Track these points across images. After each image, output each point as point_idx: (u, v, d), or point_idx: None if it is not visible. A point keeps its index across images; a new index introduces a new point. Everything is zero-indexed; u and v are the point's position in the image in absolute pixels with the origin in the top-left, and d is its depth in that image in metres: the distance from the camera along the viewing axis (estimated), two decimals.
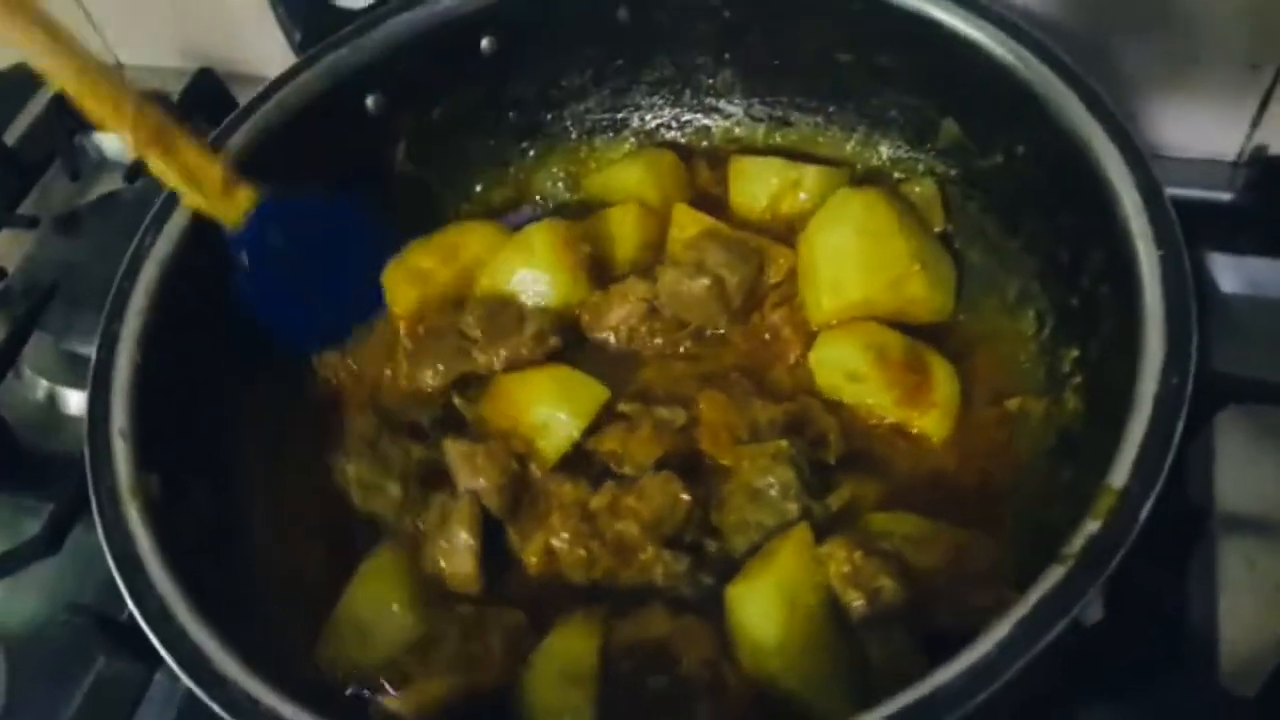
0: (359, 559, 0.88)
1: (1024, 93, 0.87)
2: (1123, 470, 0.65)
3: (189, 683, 0.65)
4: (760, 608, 0.77)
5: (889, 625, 0.76)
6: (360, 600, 0.84)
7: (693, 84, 1.12)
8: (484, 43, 1.04)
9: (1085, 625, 0.74)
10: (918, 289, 0.94)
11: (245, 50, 1.36)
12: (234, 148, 0.92)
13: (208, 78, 1.27)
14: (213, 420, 0.89)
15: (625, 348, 0.99)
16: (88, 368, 0.81)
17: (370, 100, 1.01)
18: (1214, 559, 0.87)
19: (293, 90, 0.96)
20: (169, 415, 0.78)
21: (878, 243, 0.94)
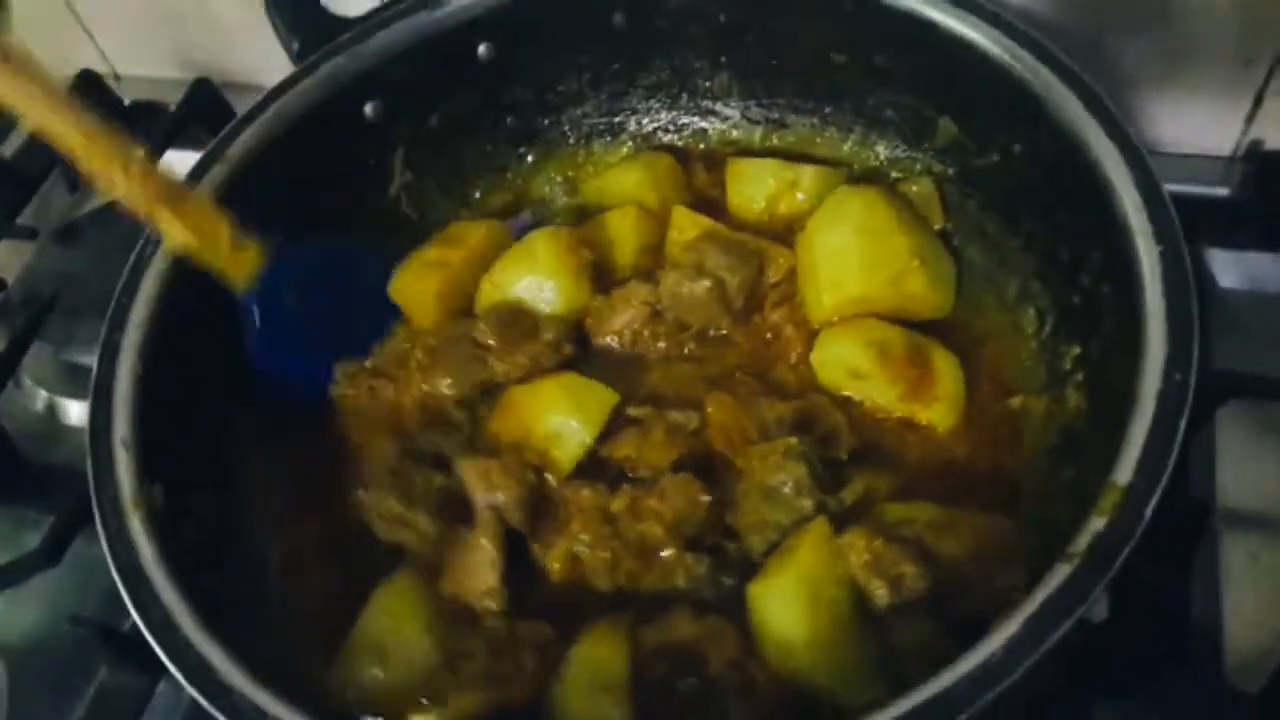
0: (366, 567, 0.88)
1: (1021, 91, 0.87)
2: (1127, 467, 0.65)
3: (194, 693, 0.65)
4: (783, 604, 0.77)
5: (914, 612, 0.76)
6: (377, 624, 0.83)
7: (689, 87, 1.12)
8: (481, 49, 1.04)
9: (1092, 623, 0.74)
10: (917, 285, 0.94)
11: (242, 59, 1.36)
12: (232, 157, 0.92)
13: (205, 87, 1.27)
14: (215, 430, 0.89)
15: (629, 351, 0.99)
16: (87, 378, 0.81)
17: (369, 108, 1.01)
18: (1217, 555, 0.87)
19: (291, 98, 0.96)
20: (171, 425, 0.78)
21: (877, 240, 0.94)
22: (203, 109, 1.25)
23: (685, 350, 0.99)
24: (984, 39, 0.90)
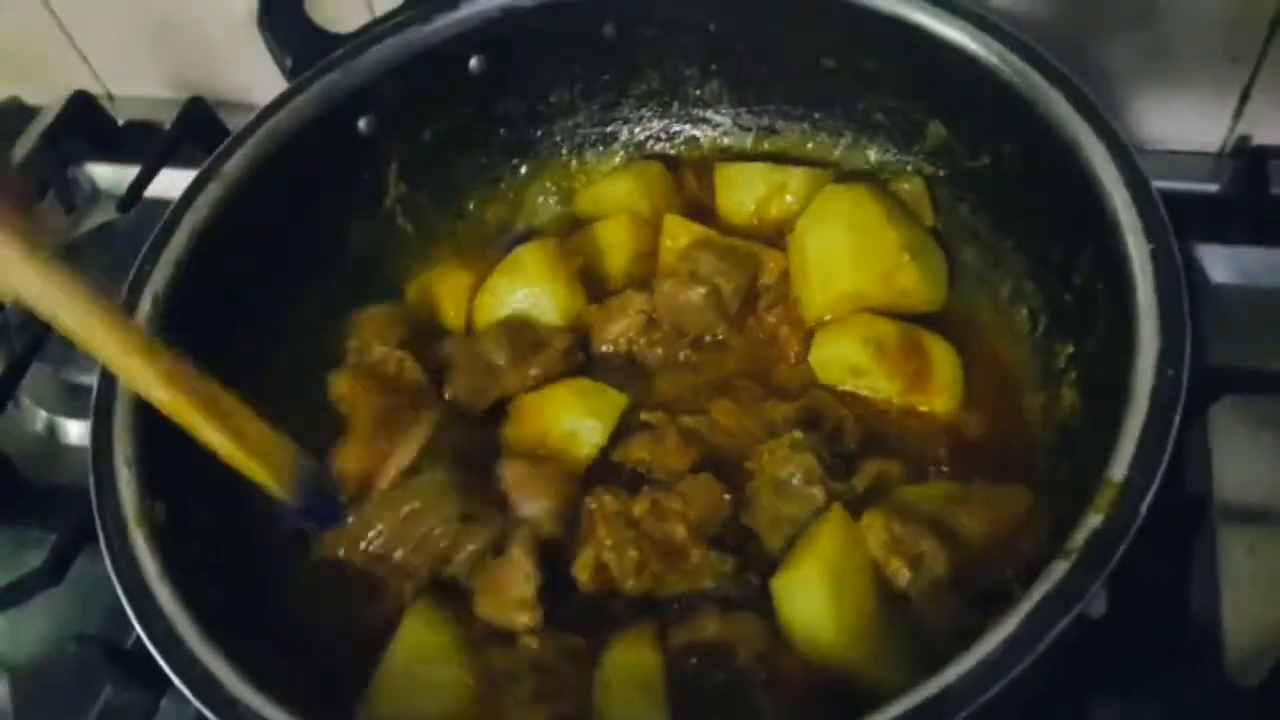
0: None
1: (1009, 93, 0.88)
2: (1122, 463, 0.66)
3: (198, 705, 0.65)
4: (808, 593, 0.77)
5: (937, 588, 0.76)
6: (407, 657, 0.81)
7: (680, 96, 1.13)
8: (472, 62, 1.04)
9: (1090, 619, 0.75)
10: (908, 280, 0.95)
11: (236, 78, 1.36)
12: (227, 175, 0.92)
13: (199, 106, 1.27)
14: None
15: (627, 360, 1.00)
16: (87, 398, 0.81)
17: (362, 123, 1.01)
18: (1215, 549, 0.87)
19: (285, 115, 0.96)
20: (172, 442, 0.78)
21: (867, 236, 0.95)
22: (197, 128, 1.25)
23: (682, 357, 1.00)
24: (972, 42, 0.90)
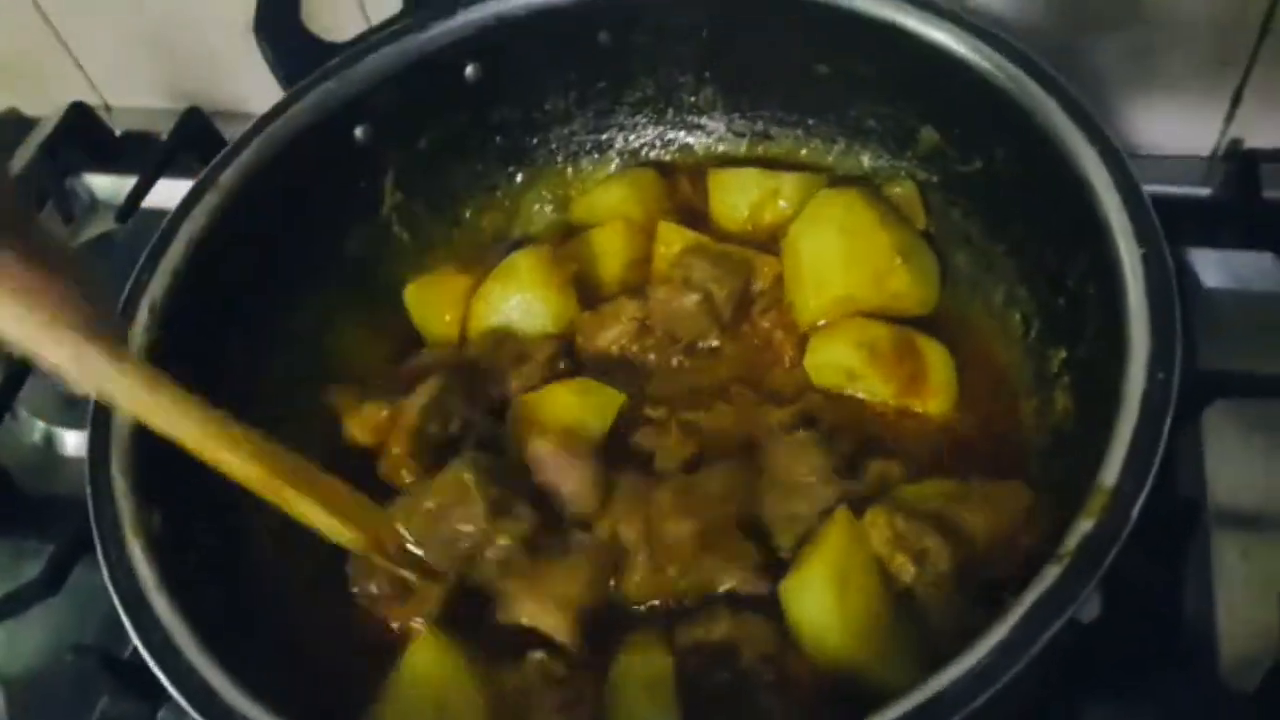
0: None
1: (1001, 98, 0.88)
2: (1113, 468, 0.66)
3: (197, 716, 0.65)
4: (815, 595, 0.78)
5: (941, 585, 0.77)
6: (414, 679, 0.80)
7: (675, 103, 1.13)
8: (468, 70, 1.04)
9: (1083, 623, 0.75)
10: (901, 283, 0.96)
11: (232, 88, 1.37)
12: (225, 184, 0.93)
13: (196, 116, 1.27)
14: None
15: (619, 365, 1.00)
16: (84, 409, 0.81)
17: (358, 131, 1.01)
18: (1208, 553, 0.87)
19: (281, 124, 0.96)
20: (168, 453, 0.78)
21: (859, 239, 0.96)
22: (194, 138, 1.26)
23: (675, 363, 1.00)
24: (964, 48, 0.91)
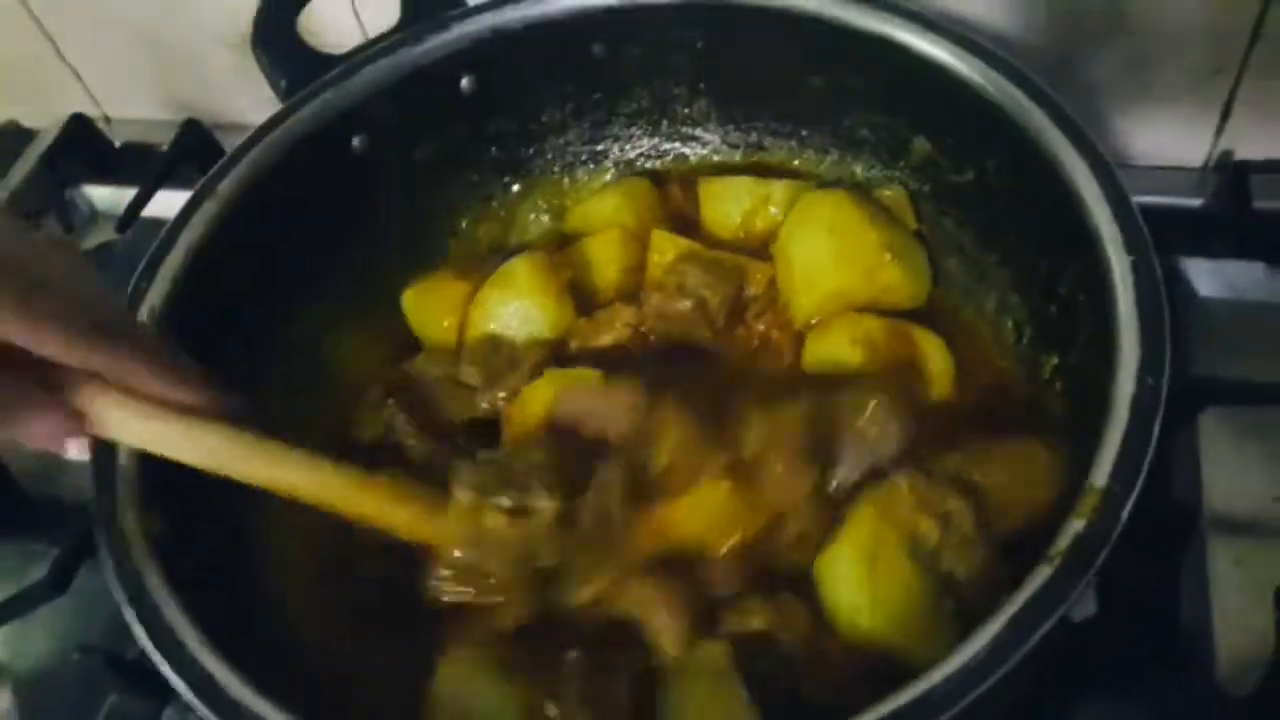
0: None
1: (992, 110, 0.89)
2: (1103, 470, 0.66)
3: (198, 706, 0.66)
4: (846, 576, 0.78)
5: (966, 544, 0.77)
6: (454, 680, 0.79)
7: (669, 114, 1.14)
8: (464, 82, 1.05)
9: (1074, 622, 0.75)
10: (890, 276, 0.97)
11: (231, 100, 1.38)
12: (223, 194, 0.93)
13: (195, 128, 1.28)
14: None
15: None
16: None
17: (355, 142, 1.02)
18: (1204, 559, 0.88)
19: (279, 135, 0.97)
20: None
21: (848, 237, 0.97)
22: (193, 149, 1.27)
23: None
24: (955, 60, 0.92)
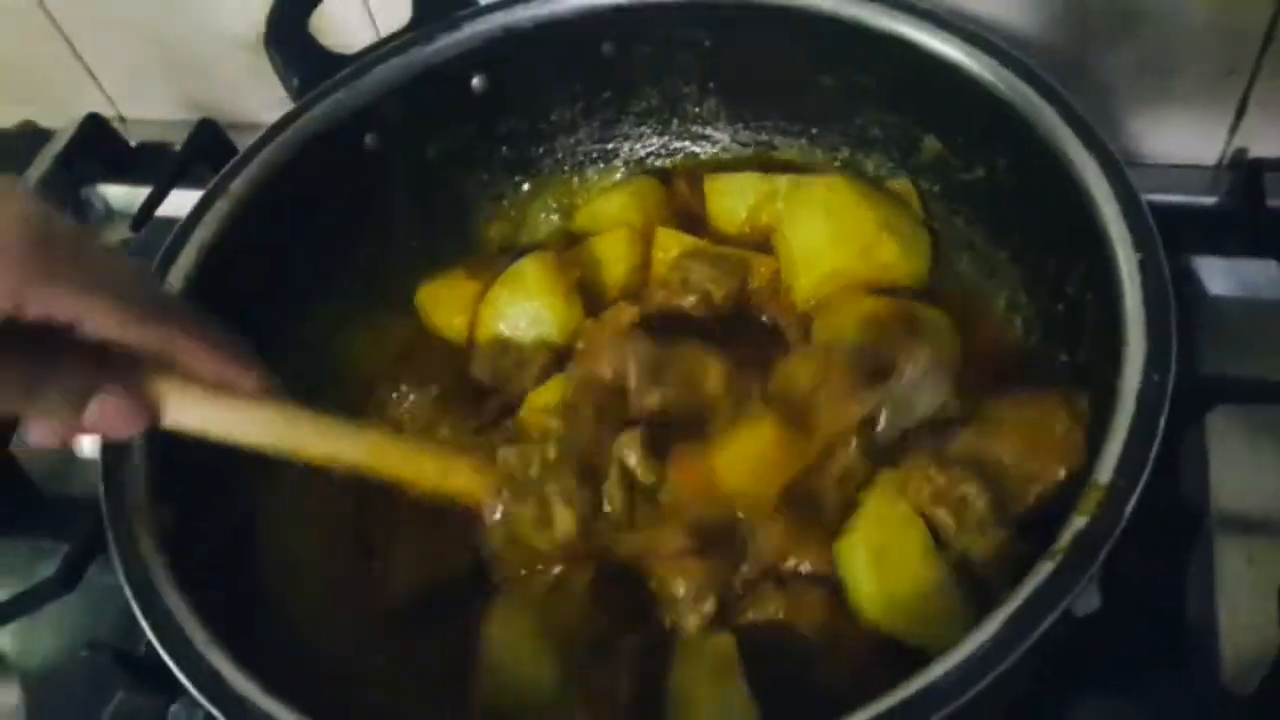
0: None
1: (1002, 108, 0.89)
2: (1108, 466, 0.66)
3: (204, 702, 0.66)
4: (854, 561, 0.79)
5: (982, 526, 0.77)
6: (502, 648, 0.81)
7: (679, 113, 1.14)
8: (475, 81, 1.06)
9: (1077, 617, 0.75)
10: (888, 254, 0.97)
11: (245, 99, 1.38)
12: (235, 193, 0.94)
13: (209, 128, 1.29)
14: (227, 450, 0.89)
15: None
16: None
17: (367, 141, 1.03)
18: (1212, 558, 0.88)
19: (291, 134, 0.98)
20: (181, 450, 0.79)
21: (844, 217, 0.98)
22: (207, 149, 1.27)
23: None
24: (966, 58, 0.92)
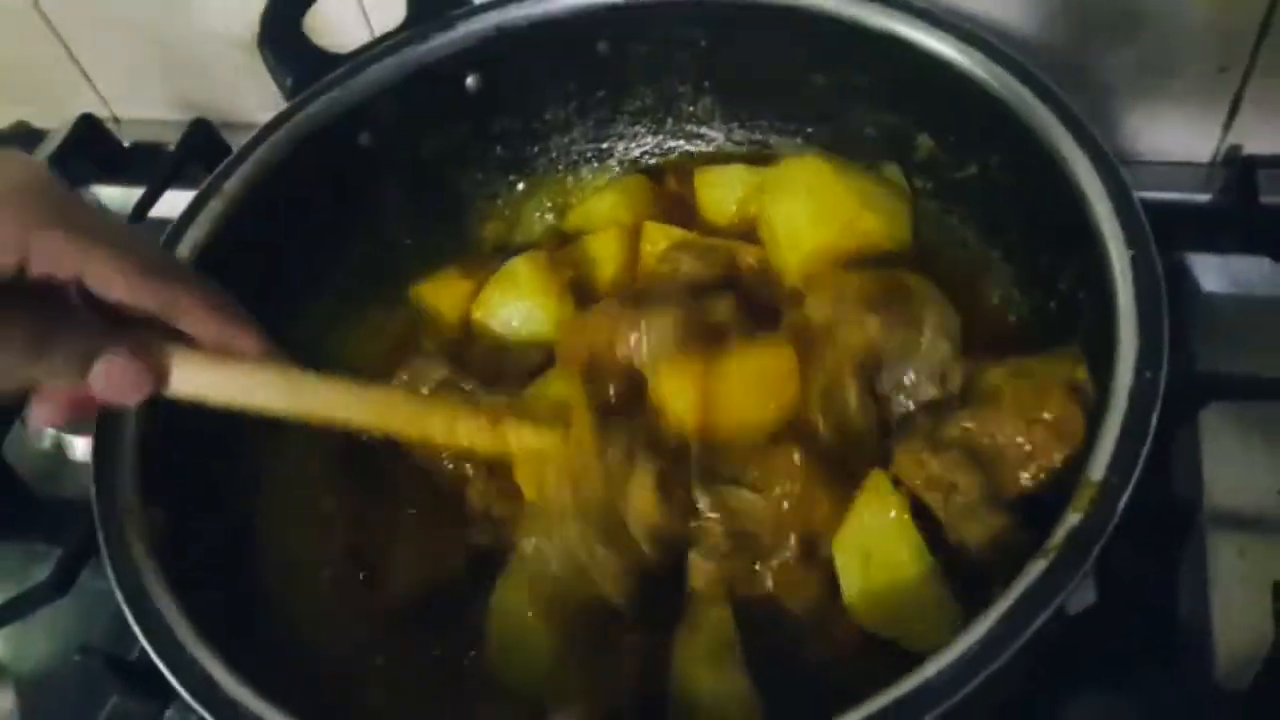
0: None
1: (995, 106, 0.89)
2: (1100, 463, 0.66)
3: (195, 705, 0.66)
4: (842, 566, 0.79)
5: (975, 511, 0.77)
6: (505, 619, 0.82)
7: (674, 112, 1.14)
8: (469, 80, 1.06)
9: (1070, 615, 0.75)
10: (869, 223, 0.97)
11: (239, 99, 1.38)
12: (229, 192, 0.94)
13: (203, 128, 1.29)
14: (219, 452, 0.89)
15: None
16: (92, 416, 0.81)
17: (361, 140, 1.03)
18: (1205, 554, 0.88)
19: (285, 133, 0.98)
20: (172, 453, 0.80)
21: (824, 194, 0.98)
22: (201, 149, 1.27)
23: None
24: (959, 56, 0.92)
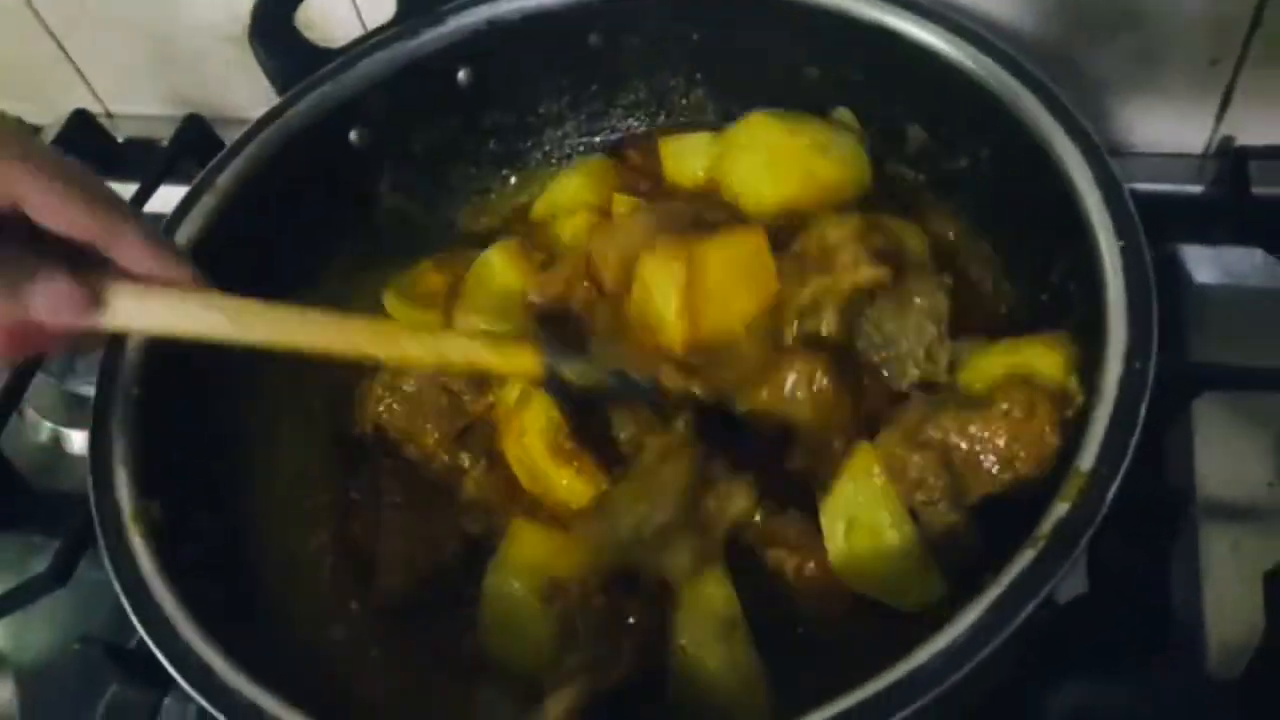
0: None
1: (986, 99, 0.90)
2: (1090, 453, 0.67)
3: (193, 693, 0.67)
4: (828, 533, 0.80)
5: (935, 506, 0.79)
6: (499, 601, 0.83)
7: (666, 105, 1.14)
8: (460, 74, 1.06)
9: (1060, 604, 0.76)
10: (828, 172, 0.99)
11: (233, 95, 1.38)
12: (221, 187, 0.94)
13: (196, 123, 1.29)
14: (215, 446, 0.90)
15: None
16: (89, 408, 0.83)
17: (353, 135, 1.03)
18: (1197, 544, 0.88)
19: (277, 128, 0.98)
20: (168, 444, 0.80)
21: (778, 148, 1.00)
22: (194, 144, 1.26)
23: None
24: (950, 48, 0.92)
